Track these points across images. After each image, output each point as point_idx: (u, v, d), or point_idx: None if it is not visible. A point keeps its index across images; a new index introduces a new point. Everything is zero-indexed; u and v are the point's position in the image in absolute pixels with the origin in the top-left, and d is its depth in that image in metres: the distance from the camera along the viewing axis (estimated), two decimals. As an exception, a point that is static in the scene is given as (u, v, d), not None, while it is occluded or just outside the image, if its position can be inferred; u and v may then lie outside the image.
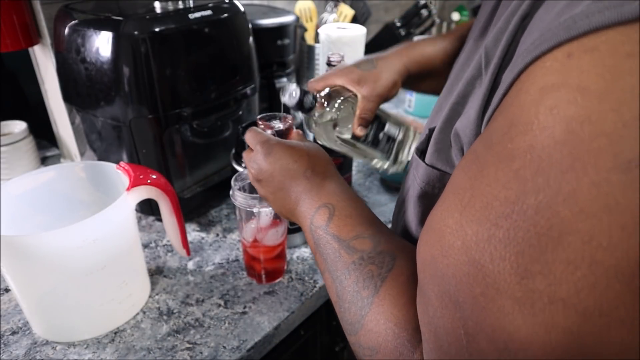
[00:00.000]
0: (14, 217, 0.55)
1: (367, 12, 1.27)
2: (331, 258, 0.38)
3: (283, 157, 0.45)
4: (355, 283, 0.35)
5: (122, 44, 0.60)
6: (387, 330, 0.31)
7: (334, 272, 0.37)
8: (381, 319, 0.32)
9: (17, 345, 0.55)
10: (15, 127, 0.88)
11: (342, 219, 0.39)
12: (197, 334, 0.57)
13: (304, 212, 0.42)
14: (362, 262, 0.36)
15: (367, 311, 0.33)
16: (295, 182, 0.44)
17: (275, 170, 0.45)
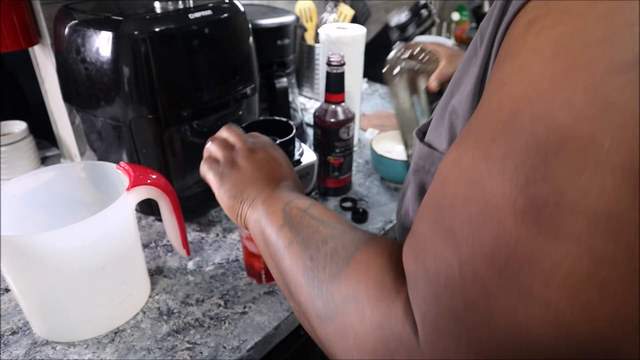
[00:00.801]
0: (14, 217, 0.55)
1: (367, 12, 1.27)
2: (306, 232, 0.36)
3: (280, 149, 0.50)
4: (334, 248, 0.33)
5: (122, 44, 0.60)
6: (368, 277, 0.29)
7: (308, 241, 0.35)
8: (361, 268, 0.30)
9: (17, 345, 0.55)
10: (15, 127, 0.88)
11: (322, 209, 0.39)
12: (197, 334, 0.57)
13: (282, 194, 0.43)
14: (345, 233, 0.35)
15: (348, 264, 0.31)
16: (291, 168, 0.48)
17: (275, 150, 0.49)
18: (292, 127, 0.69)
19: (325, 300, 0.30)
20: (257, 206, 0.43)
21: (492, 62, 0.27)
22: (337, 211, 0.81)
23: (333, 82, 0.77)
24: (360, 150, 1.02)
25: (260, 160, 0.47)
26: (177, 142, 0.70)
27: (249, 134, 0.51)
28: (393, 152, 0.87)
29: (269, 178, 0.46)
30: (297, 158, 0.67)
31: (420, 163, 0.38)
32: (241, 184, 0.45)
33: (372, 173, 0.92)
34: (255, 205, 0.43)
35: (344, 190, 0.86)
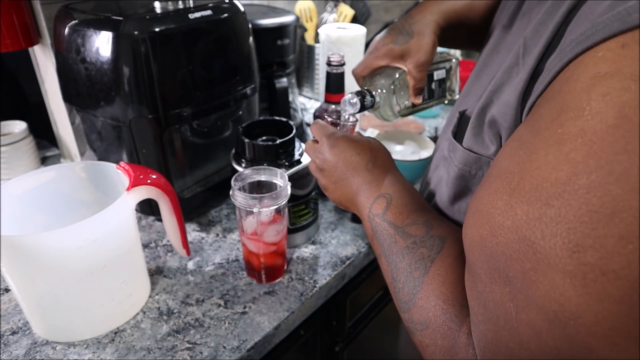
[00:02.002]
0: (14, 217, 0.55)
1: (367, 12, 1.27)
2: (387, 243, 0.40)
3: (347, 149, 0.49)
4: (408, 265, 0.37)
5: (122, 44, 0.60)
6: (436, 306, 0.33)
7: (389, 256, 0.40)
8: (431, 296, 0.34)
9: (17, 345, 0.55)
10: (15, 127, 0.88)
11: (398, 207, 0.42)
12: (197, 334, 0.57)
13: (363, 202, 0.45)
14: (415, 246, 0.38)
15: (419, 290, 0.35)
16: (357, 174, 0.47)
17: (338, 162, 0.48)
18: (292, 127, 0.69)
19: (409, 315, 0.36)
20: (354, 207, 0.48)
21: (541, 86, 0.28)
22: (337, 211, 0.81)
23: (333, 82, 0.77)
24: (360, 150, 1.02)
25: (328, 185, 0.51)
26: (177, 142, 0.70)
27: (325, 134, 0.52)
28: (393, 152, 0.86)
29: (344, 198, 0.49)
30: (297, 158, 0.67)
31: (466, 169, 0.40)
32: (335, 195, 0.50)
33: (372, 173, 0.92)
34: (354, 205, 0.48)
35: (344, 190, 0.85)
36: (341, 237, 0.75)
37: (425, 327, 0.34)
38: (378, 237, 0.42)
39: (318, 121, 0.54)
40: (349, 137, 0.50)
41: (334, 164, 0.49)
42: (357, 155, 0.48)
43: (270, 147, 0.65)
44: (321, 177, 0.51)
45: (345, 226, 0.77)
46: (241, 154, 0.67)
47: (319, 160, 0.51)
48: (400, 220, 0.41)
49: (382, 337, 1.03)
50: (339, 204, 0.50)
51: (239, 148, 0.68)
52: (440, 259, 0.36)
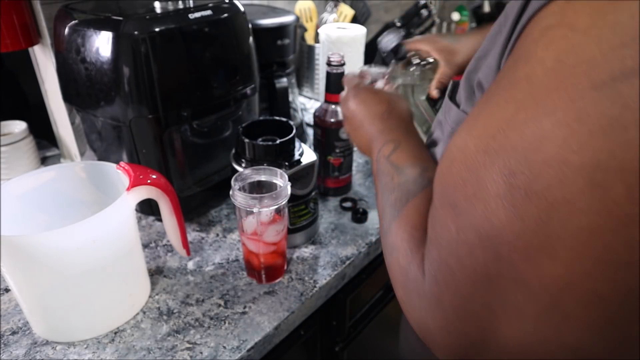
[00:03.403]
0: (14, 217, 0.55)
1: (367, 12, 1.27)
2: (385, 180, 0.45)
3: (367, 100, 0.54)
4: (395, 198, 0.41)
5: (122, 44, 0.60)
6: (405, 232, 0.37)
7: (384, 191, 0.44)
8: (403, 223, 0.38)
9: (17, 345, 0.55)
10: (15, 127, 0.88)
11: (403, 151, 0.46)
12: (197, 334, 0.57)
13: (374, 147, 0.49)
14: (406, 183, 0.42)
15: (396, 218, 0.39)
16: (373, 122, 0.51)
17: (358, 110, 0.53)
18: (292, 127, 0.69)
19: (385, 240, 0.40)
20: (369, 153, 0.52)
21: (509, 47, 0.32)
22: (337, 211, 0.81)
23: (333, 82, 0.77)
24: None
25: (350, 131, 0.56)
26: (177, 142, 0.70)
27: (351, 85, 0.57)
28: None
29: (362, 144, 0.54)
30: (297, 158, 0.67)
31: (455, 127, 0.43)
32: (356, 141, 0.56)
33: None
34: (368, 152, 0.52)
35: (344, 190, 0.86)
36: (341, 237, 0.75)
37: (393, 250, 0.38)
38: (380, 175, 0.46)
39: (351, 73, 0.60)
40: (371, 89, 0.55)
41: (354, 113, 0.54)
42: (375, 105, 0.52)
43: (270, 147, 0.65)
44: (346, 124, 0.57)
45: (345, 226, 0.77)
46: (241, 154, 0.67)
47: (344, 108, 0.56)
48: (401, 161, 0.45)
49: (382, 337, 1.03)
50: (360, 149, 0.55)
51: (239, 148, 0.68)
52: (422, 194, 0.40)
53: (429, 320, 0.32)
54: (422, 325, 0.33)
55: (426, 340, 0.34)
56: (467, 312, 0.29)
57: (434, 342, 0.32)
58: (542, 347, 0.27)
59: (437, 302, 0.31)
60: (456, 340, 0.30)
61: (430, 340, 0.33)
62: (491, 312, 0.28)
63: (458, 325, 0.30)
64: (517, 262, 0.25)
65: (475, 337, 0.29)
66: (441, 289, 0.30)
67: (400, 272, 0.36)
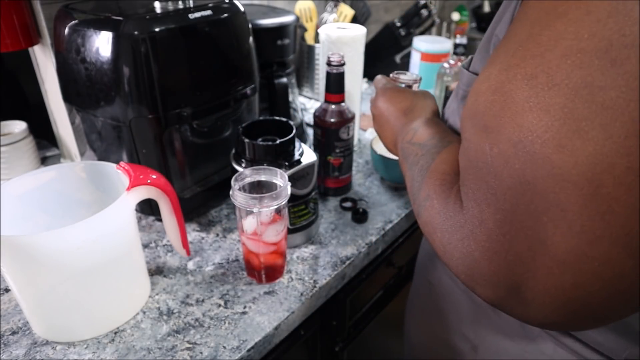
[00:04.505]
0: (14, 217, 0.55)
1: (367, 12, 1.27)
2: (411, 158, 0.47)
3: (392, 98, 0.57)
4: (422, 165, 0.43)
5: (122, 44, 0.60)
6: (436, 179, 0.39)
7: (411, 166, 0.46)
8: (433, 173, 0.40)
9: (17, 345, 0.55)
10: (15, 127, 0.88)
11: (423, 132, 0.49)
12: (197, 334, 0.57)
13: (399, 140, 0.52)
14: (429, 151, 0.44)
15: (426, 173, 0.41)
16: (397, 118, 0.54)
17: (384, 108, 0.56)
18: (292, 127, 0.69)
19: (416, 202, 0.41)
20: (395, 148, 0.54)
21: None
22: (337, 211, 0.81)
23: (333, 82, 0.77)
24: (360, 150, 1.02)
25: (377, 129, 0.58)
26: (177, 142, 0.70)
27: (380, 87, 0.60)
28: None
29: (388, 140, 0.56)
30: (297, 158, 0.67)
31: (468, 89, 0.44)
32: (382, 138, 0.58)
33: (372, 173, 0.93)
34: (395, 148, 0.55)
35: (344, 190, 0.86)
36: (341, 237, 0.75)
37: (426, 202, 0.39)
38: (404, 158, 0.49)
39: (382, 75, 0.63)
40: (397, 89, 0.58)
41: (381, 111, 0.57)
42: (400, 103, 0.55)
43: (270, 147, 0.65)
44: (374, 123, 0.60)
45: (345, 226, 0.77)
46: (241, 154, 0.67)
47: (373, 108, 0.59)
48: (422, 138, 0.48)
49: (382, 337, 1.03)
50: (387, 147, 0.58)
51: (239, 148, 0.68)
52: (446, 150, 0.42)
53: (473, 247, 0.32)
54: (467, 259, 0.32)
55: (472, 279, 0.33)
56: (512, 225, 0.28)
57: (481, 273, 0.32)
58: (593, 249, 0.26)
59: (479, 223, 0.31)
60: (504, 263, 0.30)
61: (477, 274, 0.32)
62: (536, 219, 0.27)
63: (504, 242, 0.29)
64: (551, 155, 0.26)
65: (523, 253, 0.28)
66: (482, 209, 0.30)
67: (437, 216, 0.36)
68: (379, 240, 0.75)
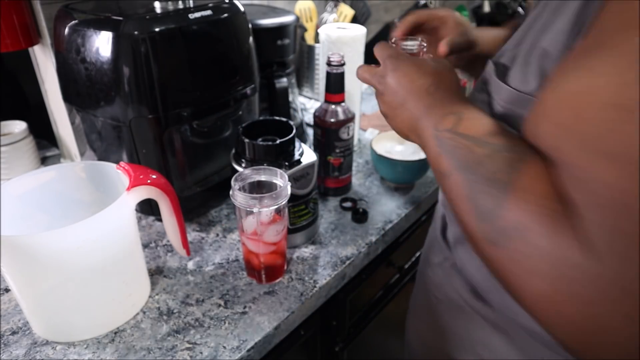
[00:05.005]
0: (14, 217, 0.55)
1: (367, 12, 1.27)
2: (460, 155, 0.37)
3: (409, 72, 0.46)
4: (491, 171, 0.34)
5: (122, 44, 0.60)
6: (534, 204, 0.30)
7: (464, 169, 0.36)
8: (525, 194, 0.31)
9: (17, 345, 0.55)
10: (15, 127, 0.88)
11: (471, 120, 0.39)
12: (197, 334, 0.57)
13: (424, 125, 0.42)
14: (498, 153, 0.35)
15: (507, 191, 0.32)
16: (419, 98, 0.44)
17: (399, 86, 0.46)
18: (292, 127, 0.69)
19: (493, 225, 0.32)
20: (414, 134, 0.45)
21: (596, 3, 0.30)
22: (337, 211, 0.81)
23: (333, 82, 0.77)
24: (360, 150, 1.02)
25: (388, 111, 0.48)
26: (177, 142, 0.70)
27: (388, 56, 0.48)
28: (393, 152, 0.87)
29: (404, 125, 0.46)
30: (297, 158, 0.67)
31: (510, 107, 0.39)
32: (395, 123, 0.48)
33: (372, 173, 0.92)
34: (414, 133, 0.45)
35: (344, 190, 0.86)
36: (341, 237, 0.75)
37: (517, 230, 0.30)
38: (447, 152, 0.38)
39: (383, 42, 0.51)
40: (412, 60, 0.47)
41: (394, 89, 0.46)
42: (419, 79, 0.45)
43: (270, 147, 0.65)
44: (381, 103, 0.49)
45: (345, 226, 0.77)
46: (241, 154, 0.67)
47: (380, 84, 0.48)
48: (475, 130, 0.37)
49: (382, 337, 1.03)
50: (400, 133, 0.48)
51: (239, 148, 0.68)
52: (534, 161, 0.33)
53: (601, 306, 0.25)
54: (593, 326, 0.26)
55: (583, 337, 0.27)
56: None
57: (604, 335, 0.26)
58: None
59: (616, 280, 0.25)
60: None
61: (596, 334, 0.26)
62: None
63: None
64: None
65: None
66: (624, 265, 0.24)
67: (540, 258, 0.28)
68: (379, 240, 0.75)
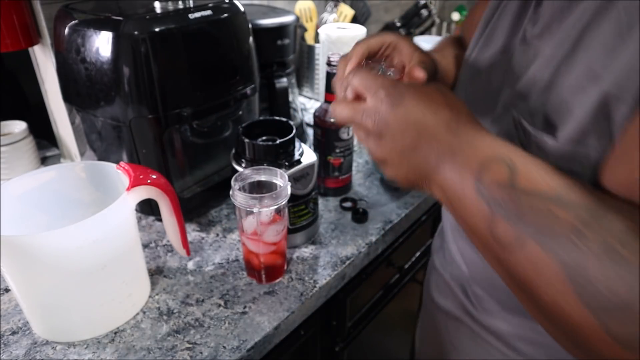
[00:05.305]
0: (14, 217, 0.55)
1: (367, 12, 1.27)
2: (537, 220, 0.29)
3: (417, 107, 0.36)
4: (604, 245, 0.26)
5: (122, 44, 0.60)
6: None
7: (550, 240, 0.28)
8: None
9: (17, 345, 0.55)
10: (15, 127, 0.88)
11: (532, 170, 0.31)
12: (197, 334, 0.57)
13: (452, 174, 0.34)
14: (596, 213, 0.28)
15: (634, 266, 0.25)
16: (436, 139, 0.35)
17: (407, 124, 0.35)
18: (292, 127, 0.69)
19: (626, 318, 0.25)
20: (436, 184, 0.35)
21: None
22: (337, 211, 0.81)
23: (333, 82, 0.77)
24: (360, 150, 1.02)
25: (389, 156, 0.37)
26: (177, 142, 0.70)
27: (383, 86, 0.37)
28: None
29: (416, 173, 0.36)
30: (297, 158, 0.67)
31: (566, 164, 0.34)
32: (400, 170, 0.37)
33: (372, 173, 0.92)
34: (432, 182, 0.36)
35: (344, 190, 0.86)
36: (341, 237, 0.75)
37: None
38: (512, 216, 0.30)
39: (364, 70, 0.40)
40: (416, 89, 0.37)
41: (400, 128, 0.36)
42: (434, 114, 0.35)
43: (270, 147, 0.65)
44: (378, 147, 0.37)
45: (345, 226, 0.77)
46: (241, 154, 0.67)
47: (376, 124, 0.37)
48: (546, 186, 0.30)
49: (382, 337, 1.03)
50: (405, 180, 0.38)
51: (239, 148, 0.68)
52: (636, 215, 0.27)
53: None
54: None
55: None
56: None
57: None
58: None
59: None
60: None
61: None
62: None
63: None
64: None
65: None
66: None
67: None
68: (379, 240, 0.75)
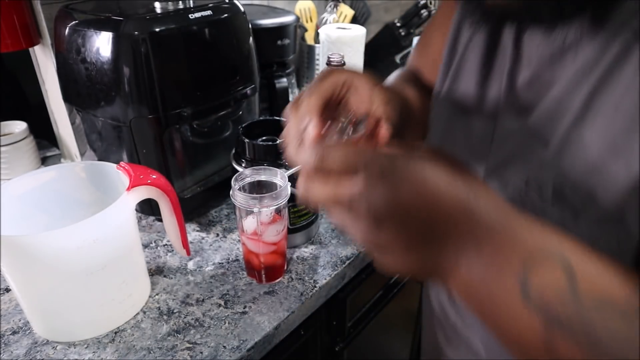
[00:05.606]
0: (14, 217, 0.55)
1: (367, 12, 1.27)
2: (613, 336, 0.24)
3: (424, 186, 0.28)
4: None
5: (122, 44, 0.60)
6: None
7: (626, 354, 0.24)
8: None
9: (17, 345, 0.55)
10: (15, 127, 0.88)
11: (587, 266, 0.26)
12: (197, 334, 0.57)
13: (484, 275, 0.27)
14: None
15: None
16: (454, 224, 0.27)
17: (414, 208, 0.27)
18: (292, 127, 0.69)
19: None
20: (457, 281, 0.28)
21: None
22: (337, 211, 0.81)
23: (333, 82, 0.77)
24: (360, 150, 1.02)
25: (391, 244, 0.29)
26: (177, 142, 0.70)
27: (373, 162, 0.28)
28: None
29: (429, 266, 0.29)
30: (297, 158, 0.67)
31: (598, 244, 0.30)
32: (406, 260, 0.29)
33: (372, 173, 0.92)
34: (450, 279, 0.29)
35: (344, 190, 0.85)
36: (341, 237, 0.75)
37: None
38: (581, 334, 0.25)
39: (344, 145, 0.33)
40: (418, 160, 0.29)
41: (407, 215, 0.28)
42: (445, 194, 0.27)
43: (270, 147, 0.65)
44: (376, 233, 0.29)
45: (345, 226, 0.77)
46: (241, 154, 0.67)
47: (370, 210, 0.28)
48: (609, 294, 0.25)
49: (382, 337, 1.03)
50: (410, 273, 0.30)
51: (239, 148, 0.68)
52: None
53: None
54: None
55: None
56: None
57: None
58: None
59: None
60: None
61: None
62: None
63: None
64: None
65: None
66: None
67: None
68: (379, 240, 0.75)
